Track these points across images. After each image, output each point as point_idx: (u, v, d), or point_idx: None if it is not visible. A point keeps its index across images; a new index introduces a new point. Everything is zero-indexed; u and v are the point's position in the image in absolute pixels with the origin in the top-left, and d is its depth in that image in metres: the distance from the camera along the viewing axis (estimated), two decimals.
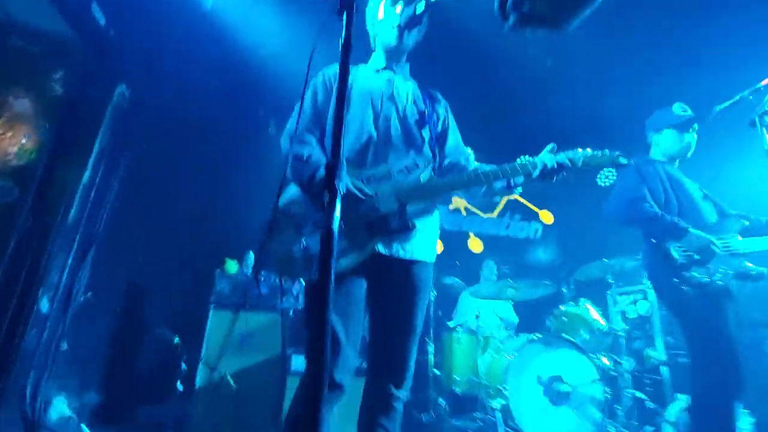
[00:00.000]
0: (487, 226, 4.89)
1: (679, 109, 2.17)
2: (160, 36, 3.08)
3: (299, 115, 1.33)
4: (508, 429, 2.57)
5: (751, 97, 1.96)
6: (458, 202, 4.90)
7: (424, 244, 1.42)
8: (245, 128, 4.06)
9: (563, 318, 3.21)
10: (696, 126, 2.15)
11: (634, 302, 3.62)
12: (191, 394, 2.67)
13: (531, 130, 4.46)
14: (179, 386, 2.76)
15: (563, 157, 1.42)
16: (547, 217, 5.04)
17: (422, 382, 3.07)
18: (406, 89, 1.61)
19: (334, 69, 1.53)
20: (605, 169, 5.60)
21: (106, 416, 2.73)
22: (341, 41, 0.98)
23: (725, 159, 3.40)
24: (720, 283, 1.73)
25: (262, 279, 3.10)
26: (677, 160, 2.21)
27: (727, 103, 2.13)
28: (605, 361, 3.02)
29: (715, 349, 1.73)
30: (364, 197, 1.31)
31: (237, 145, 4.09)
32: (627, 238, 3.18)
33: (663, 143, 2.17)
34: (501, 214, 4.98)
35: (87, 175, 2.56)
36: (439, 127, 1.61)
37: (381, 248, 1.32)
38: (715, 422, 1.72)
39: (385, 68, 1.61)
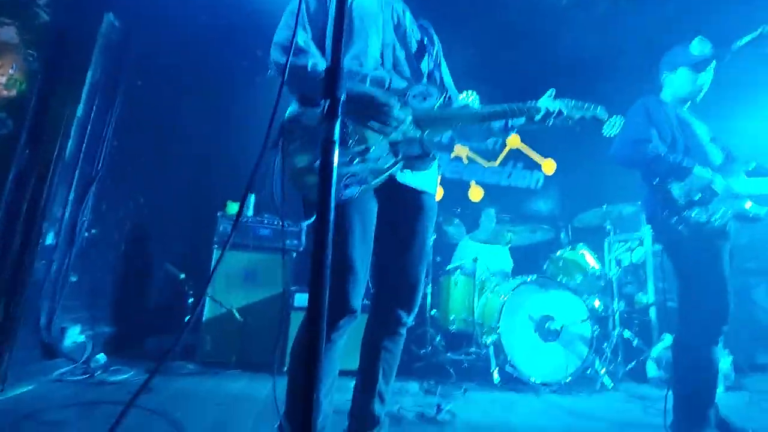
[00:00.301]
0: (489, 175, 4.86)
1: (698, 46, 2.05)
2: None
3: (297, 21, 1.16)
4: (499, 362, 2.72)
5: None
6: (460, 150, 4.83)
7: (430, 176, 1.42)
8: (243, 69, 3.90)
9: (559, 262, 3.29)
10: (714, 64, 2.05)
11: (630, 250, 3.69)
12: (198, 325, 2.80)
13: (544, 68, 4.30)
14: (186, 319, 2.88)
15: (560, 103, 1.45)
16: (549, 166, 4.99)
17: (420, 320, 3.20)
18: (405, 16, 1.53)
19: None
20: (613, 117, 5.50)
21: (118, 345, 2.88)
22: None
23: (737, 101, 3.30)
24: (717, 223, 1.74)
25: (265, 221, 3.13)
26: (688, 102, 2.14)
27: (747, 38, 2.02)
28: (596, 303, 3.14)
29: (705, 289, 1.76)
30: (390, 115, 1.24)
31: (235, 86, 3.95)
32: (627, 184, 3.18)
33: (676, 82, 2.08)
34: (503, 164, 4.93)
35: (81, 108, 2.50)
36: (432, 63, 1.55)
37: (397, 174, 1.31)
38: (693, 359, 1.78)
39: None
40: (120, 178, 2.84)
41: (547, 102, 1.42)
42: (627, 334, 3.08)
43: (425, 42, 1.54)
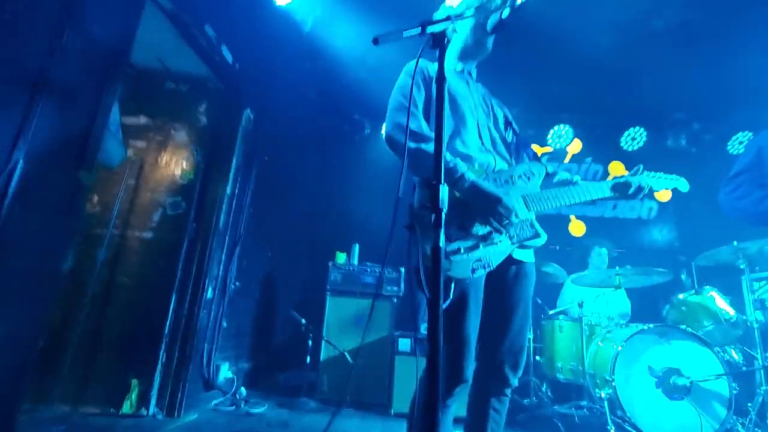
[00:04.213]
0: (590, 207, 4.59)
1: None
2: (271, 61, 3.59)
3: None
4: (616, 419, 2.55)
5: None
6: None
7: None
8: (343, 132, 4.46)
9: (682, 307, 2.98)
10: None
11: None
12: (317, 365, 3.18)
13: (647, 102, 4.07)
14: (308, 359, 3.29)
15: (647, 179, 1.61)
16: (663, 193, 4.54)
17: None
18: (488, 96, 1.66)
19: (422, 63, 1.51)
20: (739, 133, 4.96)
21: (253, 379, 3.40)
22: (436, 76, 1.09)
23: None
24: None
25: (368, 270, 3.46)
26: None
27: None
28: (734, 354, 2.76)
29: None
30: (509, 222, 1.31)
31: (339, 148, 4.51)
32: None
33: None
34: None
35: (229, 187, 3.15)
36: (512, 134, 1.64)
37: (512, 252, 1.37)
38: None
39: (462, 71, 1.62)
40: (255, 238, 3.45)
41: (640, 178, 1.53)
42: None
43: (509, 117, 1.68)
